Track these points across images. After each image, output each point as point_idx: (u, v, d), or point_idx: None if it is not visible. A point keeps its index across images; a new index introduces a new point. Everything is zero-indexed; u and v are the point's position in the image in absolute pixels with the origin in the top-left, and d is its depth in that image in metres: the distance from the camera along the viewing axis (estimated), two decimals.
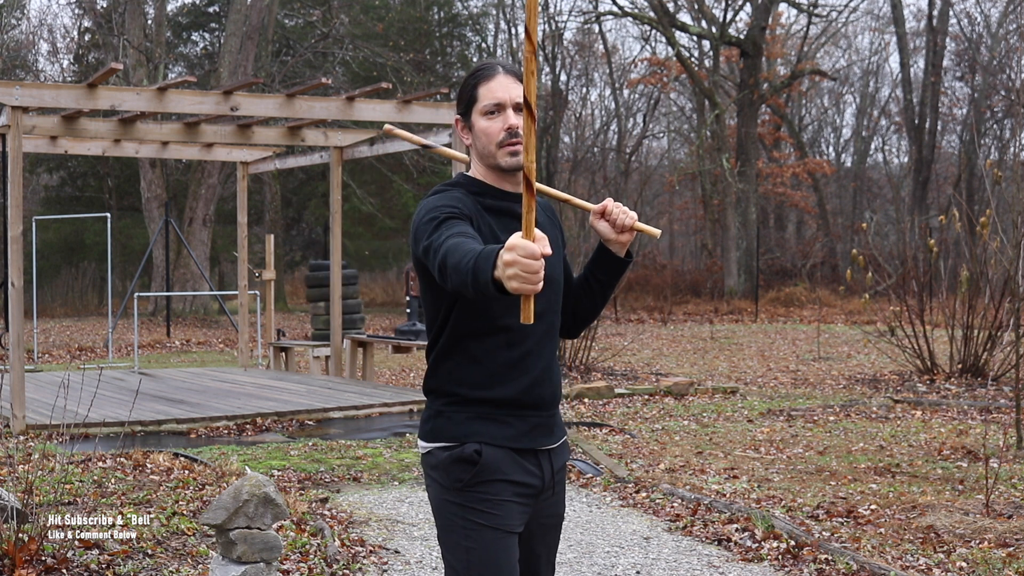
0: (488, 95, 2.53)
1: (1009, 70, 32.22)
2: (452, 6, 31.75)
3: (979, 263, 11.77)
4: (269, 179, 27.74)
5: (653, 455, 7.75)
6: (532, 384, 2.57)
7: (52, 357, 16.28)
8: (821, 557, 4.97)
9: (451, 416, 2.56)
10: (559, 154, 34.10)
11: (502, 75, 2.54)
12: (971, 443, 7.95)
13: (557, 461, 2.66)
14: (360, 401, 10.21)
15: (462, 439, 2.53)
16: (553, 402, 2.64)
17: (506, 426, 2.55)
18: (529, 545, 2.67)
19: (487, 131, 2.53)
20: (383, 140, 13.03)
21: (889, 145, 40.88)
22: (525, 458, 2.57)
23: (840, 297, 25.80)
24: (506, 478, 2.54)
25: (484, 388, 2.54)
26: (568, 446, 2.76)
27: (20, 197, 9.23)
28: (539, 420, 2.60)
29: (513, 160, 2.53)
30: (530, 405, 2.57)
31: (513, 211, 2.56)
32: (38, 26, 34.93)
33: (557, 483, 2.67)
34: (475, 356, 2.55)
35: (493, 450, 2.53)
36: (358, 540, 5.37)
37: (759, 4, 29.16)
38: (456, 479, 2.53)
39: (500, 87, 2.53)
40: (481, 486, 2.51)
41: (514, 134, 2.52)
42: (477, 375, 2.54)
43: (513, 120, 2.52)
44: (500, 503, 2.52)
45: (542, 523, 2.67)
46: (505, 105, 2.53)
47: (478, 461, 2.51)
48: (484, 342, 2.54)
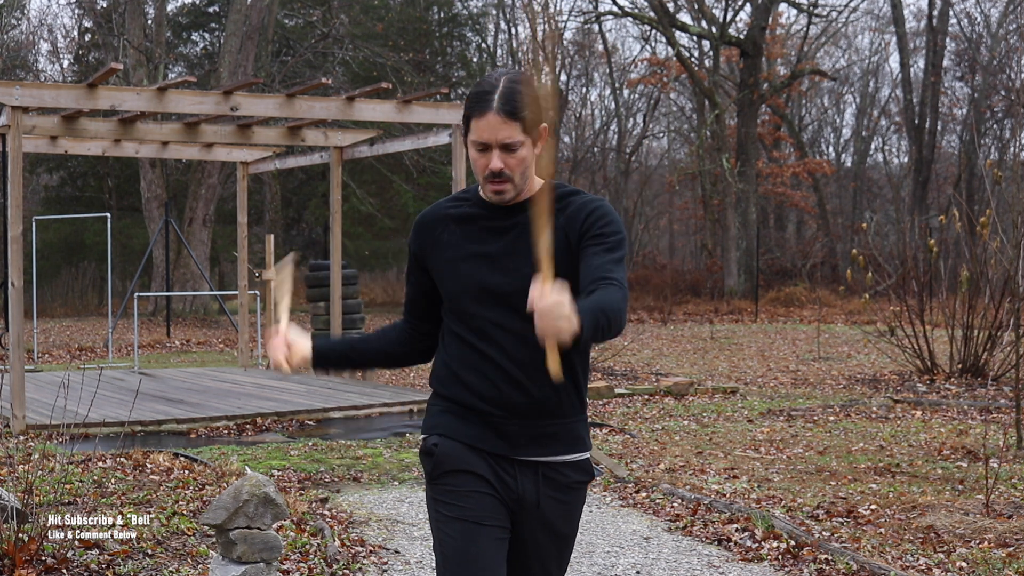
0: (476, 132, 2.53)
1: (1009, 70, 32.23)
2: (452, 6, 31.74)
3: (979, 263, 11.77)
4: (269, 179, 27.74)
5: (653, 455, 7.75)
6: (492, 391, 2.55)
7: (52, 357, 16.28)
8: (821, 557, 4.97)
9: (429, 409, 2.68)
10: (559, 154, 34.11)
11: (492, 115, 2.49)
12: (971, 443, 7.95)
13: (549, 482, 2.58)
14: (360, 401, 10.21)
15: (429, 431, 2.63)
16: (537, 413, 2.56)
17: (471, 425, 2.58)
18: (524, 554, 2.62)
19: (475, 162, 2.58)
20: (383, 140, 13.03)
21: (889, 145, 40.91)
22: (497, 462, 2.56)
23: (840, 297, 25.79)
24: (469, 469, 2.54)
25: (448, 387, 2.62)
26: (586, 467, 2.64)
27: (20, 197, 9.23)
28: (516, 429, 2.55)
29: (497, 197, 2.57)
30: (495, 412, 2.55)
31: (479, 219, 2.62)
32: (38, 26, 34.95)
33: (547, 504, 2.59)
34: (445, 357, 2.65)
35: (454, 444, 2.56)
36: (358, 540, 5.37)
37: (759, 4, 29.15)
38: (426, 471, 2.61)
39: (487, 129, 2.50)
40: (445, 477, 2.55)
41: (497, 175, 2.53)
42: (445, 375, 2.63)
43: (496, 163, 2.52)
44: (466, 495, 2.53)
45: (536, 536, 2.60)
46: (491, 147, 2.53)
47: (434, 453, 2.57)
48: (451, 344, 2.63)
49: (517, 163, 2.54)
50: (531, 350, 2.52)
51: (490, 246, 2.60)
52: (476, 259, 2.59)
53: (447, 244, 2.63)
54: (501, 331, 2.56)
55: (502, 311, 2.56)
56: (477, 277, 2.58)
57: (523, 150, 2.54)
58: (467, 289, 2.58)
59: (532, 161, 2.58)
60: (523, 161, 2.55)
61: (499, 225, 2.61)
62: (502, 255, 2.59)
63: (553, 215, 2.48)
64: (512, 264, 2.58)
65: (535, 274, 2.43)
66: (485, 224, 2.61)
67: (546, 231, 2.27)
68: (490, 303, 2.57)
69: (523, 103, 2.49)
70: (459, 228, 2.63)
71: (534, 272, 2.51)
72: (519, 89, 2.50)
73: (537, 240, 2.29)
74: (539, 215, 2.31)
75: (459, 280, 2.59)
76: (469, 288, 2.58)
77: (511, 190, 2.56)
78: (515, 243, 2.59)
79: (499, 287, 2.57)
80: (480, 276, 2.58)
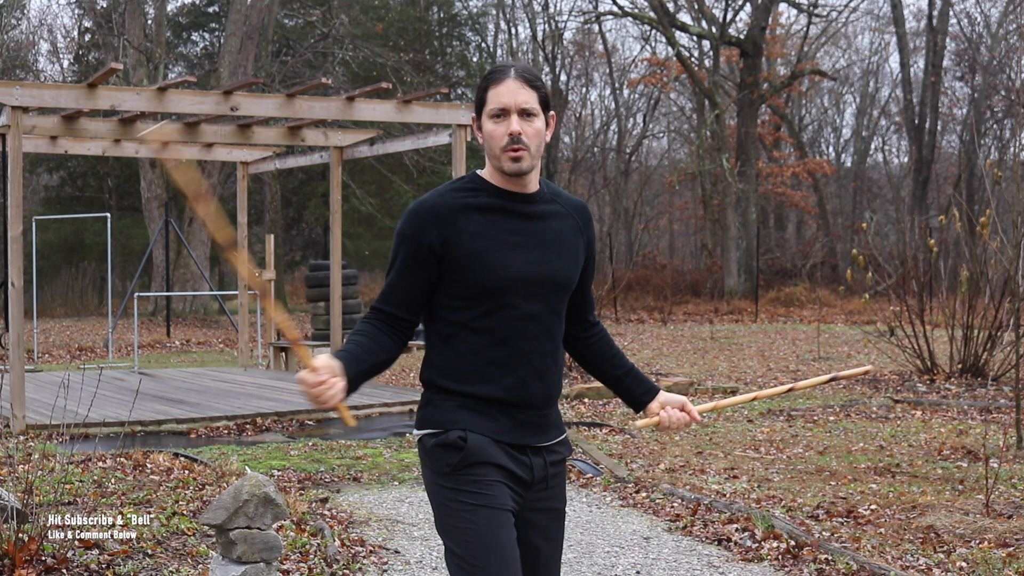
0: (495, 99, 2.56)
1: (1009, 70, 32.23)
2: (452, 6, 31.75)
3: (979, 263, 11.77)
4: (269, 179, 27.74)
5: (653, 455, 7.75)
6: (518, 383, 2.60)
7: (52, 357, 16.28)
8: (821, 557, 4.97)
9: (438, 404, 2.63)
10: (559, 154, 34.10)
11: (511, 80, 2.56)
12: (971, 443, 7.94)
13: (550, 457, 2.69)
14: (360, 401, 10.20)
15: (447, 426, 2.60)
16: (546, 402, 2.66)
17: (490, 419, 2.60)
18: (527, 538, 2.67)
19: (492, 135, 2.57)
20: (383, 140, 13.02)
21: (889, 145, 40.91)
22: (514, 450, 2.62)
23: (840, 297, 25.79)
24: (494, 461, 2.58)
25: (467, 383, 2.59)
26: (568, 444, 2.78)
27: (20, 197, 9.22)
28: (527, 417, 2.63)
29: (514, 166, 2.56)
30: (516, 404, 2.61)
31: (504, 208, 2.60)
32: (38, 26, 34.93)
33: (551, 478, 2.69)
34: (461, 352, 2.60)
35: (477, 437, 2.58)
36: (358, 540, 5.37)
37: (759, 4, 29.15)
38: (445, 464, 2.58)
39: (507, 92, 2.55)
40: (469, 469, 2.56)
41: (516, 140, 2.54)
42: (462, 370, 2.60)
43: (515, 126, 2.54)
44: (490, 483, 2.56)
45: (538, 513, 2.68)
46: (510, 110, 2.55)
47: (463, 447, 2.56)
48: (470, 339, 2.59)
49: (534, 133, 2.57)
50: (552, 339, 2.66)
51: (519, 236, 2.59)
52: (509, 249, 2.57)
53: (474, 234, 2.55)
54: (534, 323, 2.60)
55: (536, 303, 2.60)
56: (515, 268, 2.57)
57: (539, 121, 2.58)
58: (504, 281, 2.55)
59: (544, 142, 2.62)
60: (539, 133, 2.59)
61: (522, 212, 2.61)
62: (530, 244, 2.60)
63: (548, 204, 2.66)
64: (541, 254, 2.61)
65: (560, 262, 2.62)
66: (509, 212, 2.60)
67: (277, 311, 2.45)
68: (527, 294, 2.58)
69: (540, 77, 2.58)
70: (483, 217, 2.58)
71: (560, 260, 2.65)
72: (533, 69, 2.60)
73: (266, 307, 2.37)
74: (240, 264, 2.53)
75: (493, 272, 2.55)
76: (505, 280, 2.56)
77: (528, 159, 2.56)
78: (539, 231, 2.62)
79: (536, 276, 2.59)
80: (517, 267, 2.57)
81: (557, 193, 2.72)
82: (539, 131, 2.58)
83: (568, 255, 2.66)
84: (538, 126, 2.58)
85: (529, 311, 2.59)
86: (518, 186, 2.62)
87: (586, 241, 2.74)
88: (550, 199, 2.68)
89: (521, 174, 2.57)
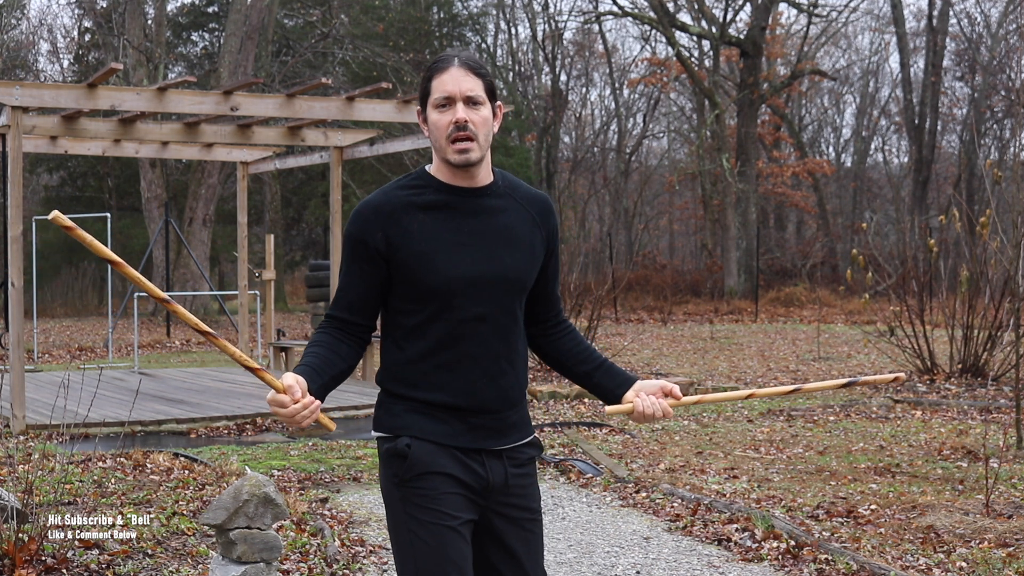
0: (439, 88, 2.48)
1: (1009, 70, 32.23)
2: (452, 6, 31.75)
3: (979, 263, 11.77)
4: (269, 179, 27.75)
5: (653, 455, 7.76)
6: (467, 387, 2.50)
7: (52, 357, 16.28)
8: (821, 557, 4.97)
9: (389, 408, 2.55)
10: (559, 154, 34.10)
11: (455, 68, 2.48)
12: (971, 443, 7.94)
13: (512, 460, 2.57)
14: (360, 401, 10.21)
15: (397, 431, 2.51)
16: (502, 405, 2.54)
17: (440, 423, 2.50)
18: (502, 543, 2.57)
19: (437, 124, 2.48)
20: (383, 140, 13.02)
21: (889, 145, 40.91)
22: (467, 455, 2.51)
23: (840, 297, 25.80)
24: (443, 471, 2.48)
25: (416, 388, 2.50)
26: (537, 444, 2.66)
27: (20, 197, 9.23)
28: (481, 422, 2.52)
29: (461, 157, 2.46)
30: (467, 408, 2.51)
31: (450, 205, 2.50)
32: (38, 26, 34.94)
33: (514, 479, 2.57)
34: (410, 355, 2.51)
35: (425, 445, 2.48)
36: (358, 540, 5.37)
37: (759, 4, 29.16)
38: (394, 473, 2.50)
39: (451, 80, 2.47)
40: (417, 480, 2.47)
41: (461, 127, 2.45)
42: (411, 374, 2.51)
43: (461, 114, 2.45)
44: (440, 496, 2.47)
45: (505, 517, 2.56)
46: (455, 98, 2.47)
47: (407, 455, 2.47)
48: (418, 343, 2.50)
49: (481, 121, 2.48)
50: (505, 340, 2.54)
51: (465, 234, 2.49)
52: (456, 249, 2.47)
53: (418, 234, 2.46)
54: (482, 324, 2.50)
55: (486, 304, 2.49)
56: (461, 268, 2.47)
57: (485, 110, 2.49)
58: (450, 282, 2.46)
59: (491, 132, 2.53)
60: (486, 121, 2.49)
61: (469, 208, 2.51)
62: (479, 242, 2.50)
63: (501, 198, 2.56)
64: (491, 252, 2.51)
65: (512, 260, 2.51)
66: (455, 209, 2.50)
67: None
68: (474, 295, 2.48)
69: (484, 66, 2.51)
70: (428, 216, 2.48)
71: (512, 258, 2.53)
72: (477, 57, 2.52)
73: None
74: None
75: (438, 273, 2.46)
76: (452, 281, 2.46)
77: (476, 150, 2.46)
78: (488, 227, 2.52)
79: (484, 276, 2.49)
80: (464, 267, 2.47)
81: (514, 186, 2.60)
82: (486, 119, 2.49)
83: (522, 252, 2.55)
84: (485, 114, 2.48)
85: (478, 312, 2.48)
86: (467, 179, 2.51)
87: (545, 236, 2.61)
88: (503, 193, 2.56)
89: (469, 165, 2.47)
